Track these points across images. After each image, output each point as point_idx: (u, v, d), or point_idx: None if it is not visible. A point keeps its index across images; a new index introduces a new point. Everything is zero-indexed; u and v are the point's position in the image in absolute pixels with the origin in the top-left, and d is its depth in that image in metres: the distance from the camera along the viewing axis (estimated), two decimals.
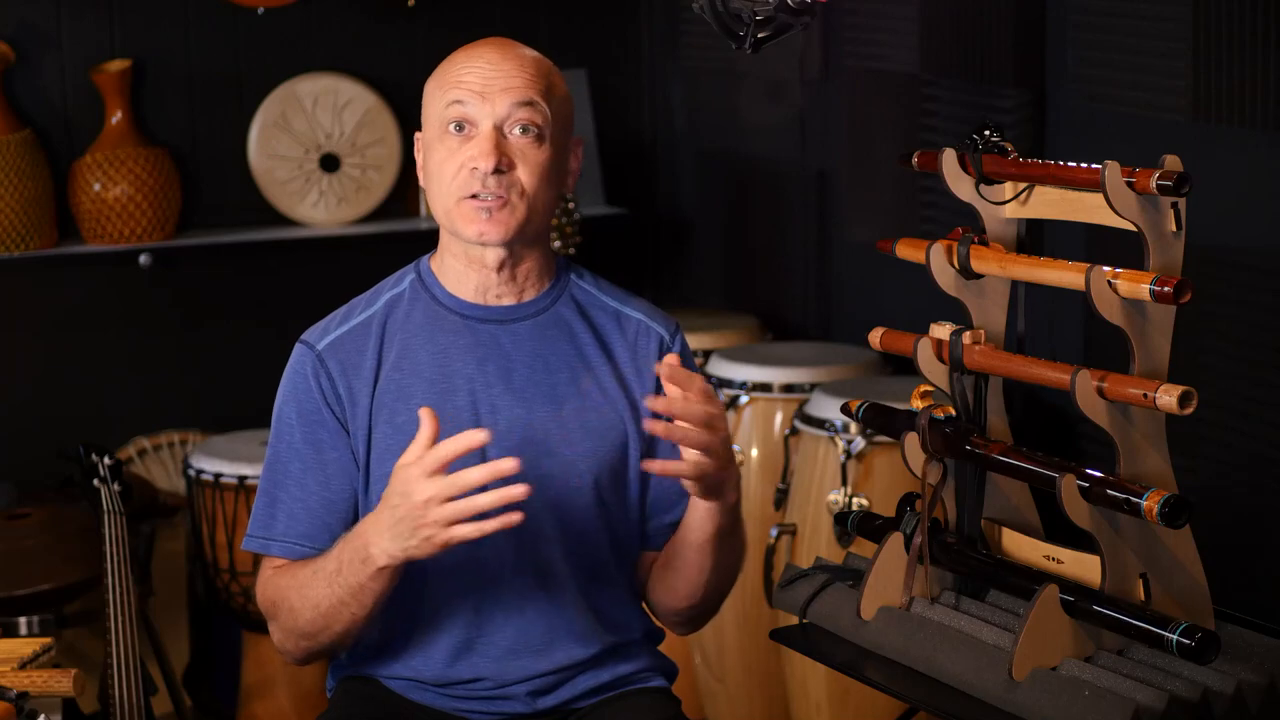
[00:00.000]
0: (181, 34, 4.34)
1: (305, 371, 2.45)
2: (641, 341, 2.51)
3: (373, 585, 2.31)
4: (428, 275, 2.50)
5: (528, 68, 2.41)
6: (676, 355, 2.44)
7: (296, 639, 2.43)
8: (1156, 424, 2.33)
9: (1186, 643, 2.18)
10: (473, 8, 4.50)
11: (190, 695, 4.04)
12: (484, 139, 2.37)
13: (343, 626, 2.37)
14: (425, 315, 2.47)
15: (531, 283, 2.48)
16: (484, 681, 2.45)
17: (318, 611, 2.36)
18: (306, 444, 2.45)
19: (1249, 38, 2.94)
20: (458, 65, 2.41)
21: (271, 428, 2.49)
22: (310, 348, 2.46)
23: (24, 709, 2.41)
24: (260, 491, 2.49)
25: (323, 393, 2.44)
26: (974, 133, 2.50)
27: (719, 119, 4.60)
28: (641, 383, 2.49)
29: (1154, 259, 2.29)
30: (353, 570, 2.31)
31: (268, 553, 2.46)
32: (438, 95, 2.42)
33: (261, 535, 2.46)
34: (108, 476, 3.57)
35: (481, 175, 2.36)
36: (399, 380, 2.43)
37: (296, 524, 2.44)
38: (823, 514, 3.55)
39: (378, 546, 2.27)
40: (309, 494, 2.44)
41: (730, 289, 4.63)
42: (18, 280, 4.22)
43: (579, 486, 2.44)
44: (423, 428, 2.22)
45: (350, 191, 4.45)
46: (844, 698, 3.52)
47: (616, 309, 2.53)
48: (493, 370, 2.44)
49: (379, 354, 2.45)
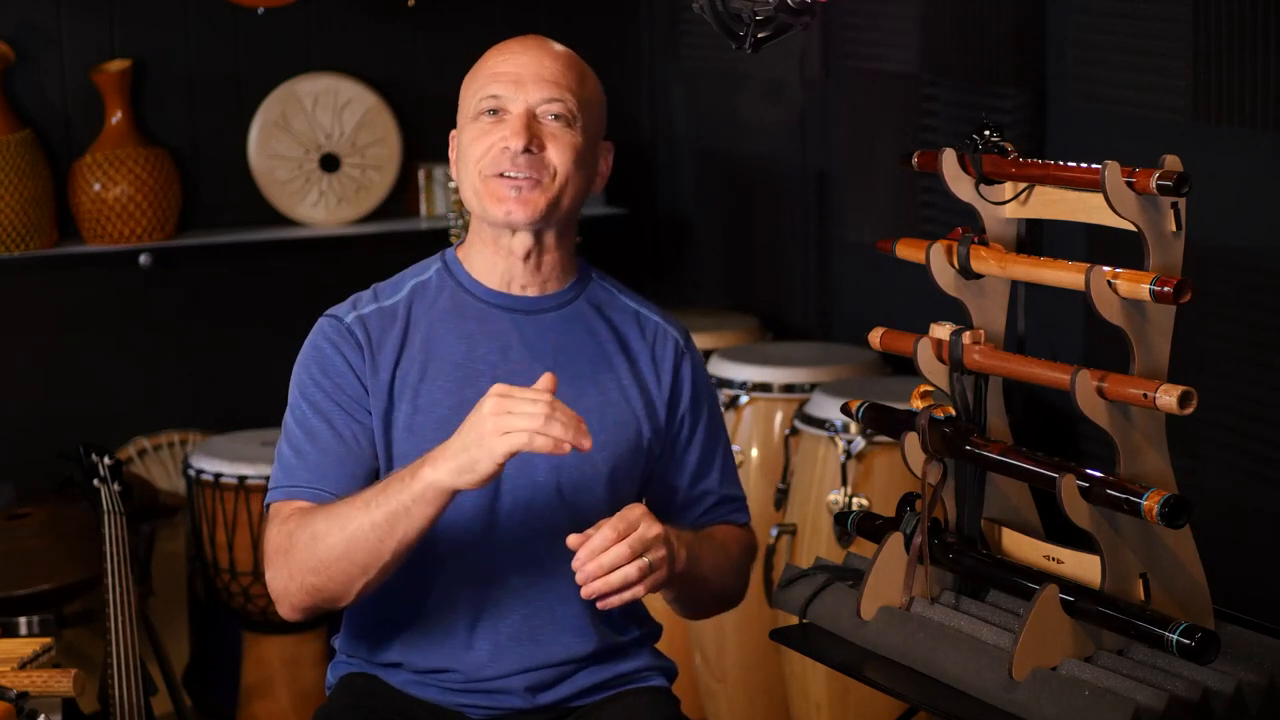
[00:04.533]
0: (181, 34, 4.34)
1: (331, 337, 2.45)
2: (659, 344, 2.55)
3: (415, 509, 2.26)
4: (454, 263, 2.53)
5: (561, 60, 2.46)
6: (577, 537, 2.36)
7: (305, 574, 2.34)
8: (1156, 424, 2.33)
9: (1186, 643, 2.18)
10: (473, 8, 4.51)
11: (190, 695, 4.04)
12: (516, 119, 2.41)
13: (363, 557, 2.30)
14: (451, 301, 2.49)
15: (555, 276, 2.51)
16: (481, 670, 2.45)
17: (343, 534, 2.29)
18: (330, 401, 2.43)
19: (1249, 38, 2.94)
20: (493, 60, 2.47)
21: (290, 396, 2.46)
22: (338, 320, 2.47)
23: (24, 709, 2.41)
24: (280, 455, 2.44)
25: (346, 358, 2.44)
26: (974, 133, 2.50)
27: (719, 119, 4.60)
28: (659, 384, 2.53)
29: (1154, 259, 2.28)
30: (400, 487, 2.27)
31: (291, 498, 2.40)
32: (472, 88, 2.47)
33: (286, 484, 2.41)
34: (108, 476, 3.57)
35: (512, 154, 2.40)
36: (423, 362, 2.45)
37: (323, 471, 2.40)
38: (823, 514, 3.55)
39: (432, 465, 2.25)
40: (337, 444, 2.41)
41: (730, 289, 4.63)
42: (18, 280, 4.22)
43: (595, 476, 2.45)
44: (542, 380, 2.23)
45: (350, 191, 4.45)
46: (844, 698, 3.52)
47: (635, 310, 2.57)
48: (515, 358, 2.46)
49: (404, 335, 2.46)
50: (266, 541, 2.40)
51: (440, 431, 2.36)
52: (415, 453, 2.35)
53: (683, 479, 2.56)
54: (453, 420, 2.34)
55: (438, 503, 2.27)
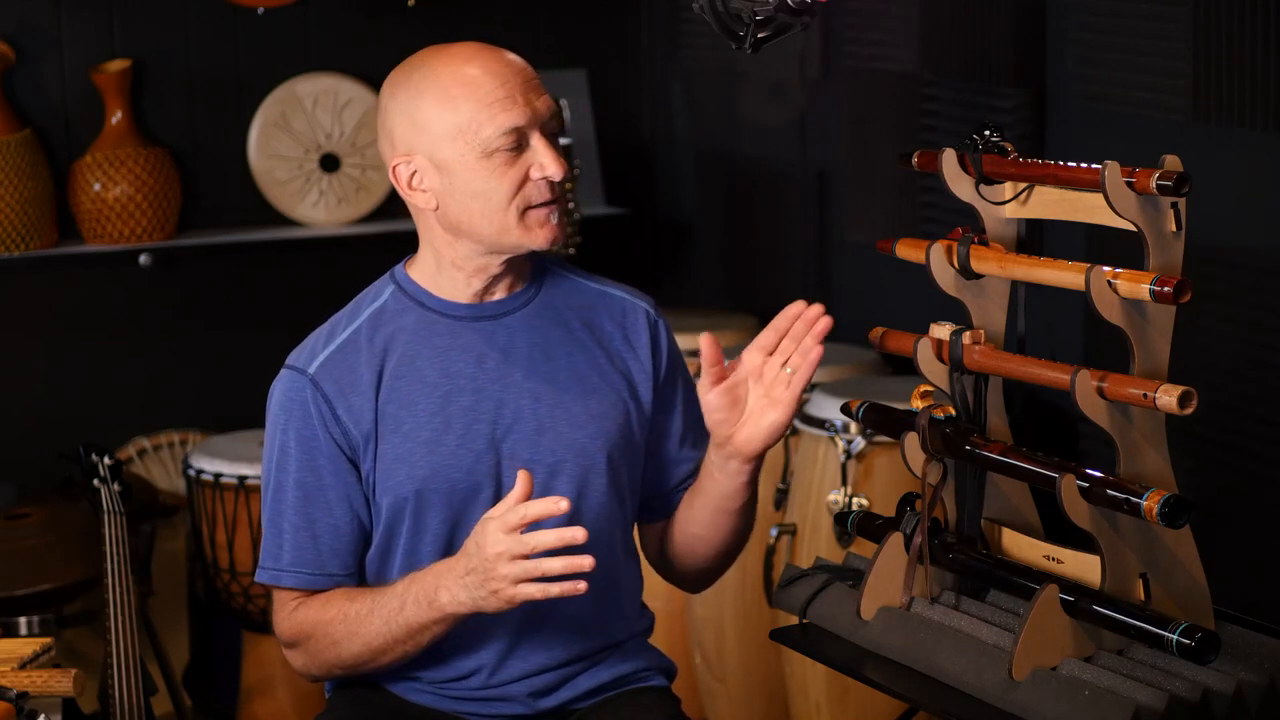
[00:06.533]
0: (181, 34, 4.34)
1: (302, 398, 2.42)
2: (630, 318, 2.53)
3: (435, 628, 2.34)
4: (409, 284, 2.47)
5: (519, 62, 2.41)
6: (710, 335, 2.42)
7: (330, 668, 2.44)
8: (1156, 424, 2.33)
9: (1186, 643, 2.18)
10: (472, 8, 4.50)
11: (190, 695, 4.04)
12: (544, 147, 2.37)
13: (391, 660, 2.40)
14: (417, 321, 2.45)
15: (520, 275, 2.49)
16: (481, 675, 2.45)
17: (368, 647, 2.38)
18: (306, 471, 2.43)
19: (1249, 38, 2.94)
20: (471, 87, 2.35)
21: (266, 453, 2.47)
22: (301, 372, 2.43)
23: (24, 709, 2.41)
24: (265, 521, 2.48)
25: (321, 418, 2.41)
26: (974, 133, 2.50)
27: (719, 119, 4.60)
28: (637, 360, 2.51)
29: (1154, 259, 2.28)
30: (417, 610, 2.33)
31: (279, 584, 2.45)
32: (463, 119, 2.34)
33: (272, 566, 2.45)
34: (108, 476, 3.57)
35: (549, 184, 2.37)
36: (401, 389, 2.42)
37: (304, 554, 2.43)
38: (823, 514, 3.55)
39: (448, 593, 2.30)
40: (313, 522, 2.43)
41: (730, 289, 4.63)
42: (18, 280, 4.22)
43: (593, 466, 2.45)
44: (517, 485, 2.24)
45: (350, 191, 4.45)
46: (844, 698, 3.52)
47: (599, 289, 2.54)
48: (493, 366, 2.44)
49: (378, 365, 2.42)
50: (277, 627, 2.48)
51: (429, 455, 2.40)
52: (407, 481, 2.39)
53: (670, 444, 2.55)
54: (439, 442, 2.38)
55: (454, 623, 2.35)
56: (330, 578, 2.43)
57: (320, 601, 2.42)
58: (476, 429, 2.42)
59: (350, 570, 2.45)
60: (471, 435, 2.42)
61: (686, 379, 2.59)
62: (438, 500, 2.41)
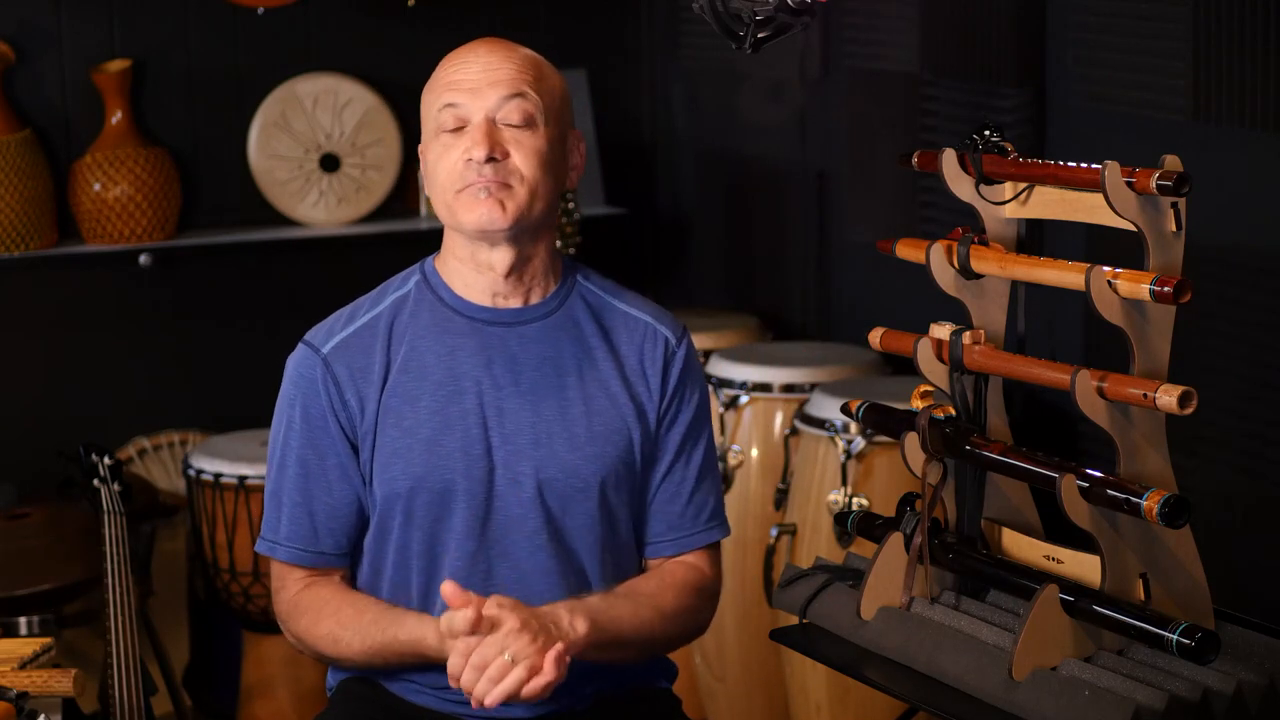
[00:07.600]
0: (181, 34, 4.34)
1: (312, 376, 2.44)
2: (648, 346, 2.50)
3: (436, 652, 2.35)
4: (433, 276, 2.49)
5: (514, 60, 2.41)
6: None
7: (322, 655, 2.47)
8: (1156, 424, 2.33)
9: (1186, 643, 2.18)
10: (473, 7, 4.50)
11: (190, 695, 4.04)
12: (476, 129, 2.37)
13: (381, 662, 2.43)
14: (432, 317, 2.46)
15: (538, 284, 2.47)
16: None
17: (365, 647, 2.41)
18: (308, 448, 2.45)
19: (1249, 38, 2.94)
20: (448, 69, 2.43)
21: (273, 425, 2.49)
22: (315, 350, 2.45)
23: (24, 709, 2.41)
24: (267, 492, 2.51)
25: (329, 399, 2.43)
26: (974, 133, 2.50)
27: (719, 119, 4.60)
28: (647, 387, 2.49)
29: (1154, 259, 2.28)
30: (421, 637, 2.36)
31: (274, 556, 2.48)
32: (431, 101, 2.43)
33: (270, 538, 2.49)
34: (108, 477, 3.57)
35: (476, 165, 2.36)
36: (406, 383, 2.43)
37: (300, 529, 2.46)
38: (823, 514, 3.55)
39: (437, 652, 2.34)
40: (311, 499, 2.45)
41: (730, 289, 4.63)
42: (18, 280, 4.22)
43: (584, 489, 2.44)
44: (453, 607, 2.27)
45: (350, 191, 4.45)
46: (844, 698, 3.52)
47: (625, 311, 2.52)
48: (500, 372, 2.44)
49: (387, 356, 2.44)
50: (276, 605, 2.50)
51: (427, 453, 2.40)
52: (401, 477, 2.41)
53: (647, 494, 2.51)
54: (437, 441, 2.38)
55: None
56: (323, 556, 2.46)
57: (336, 597, 2.44)
58: (475, 434, 2.42)
59: (344, 550, 2.47)
60: (470, 440, 2.42)
61: (698, 416, 2.53)
62: (430, 498, 2.42)
